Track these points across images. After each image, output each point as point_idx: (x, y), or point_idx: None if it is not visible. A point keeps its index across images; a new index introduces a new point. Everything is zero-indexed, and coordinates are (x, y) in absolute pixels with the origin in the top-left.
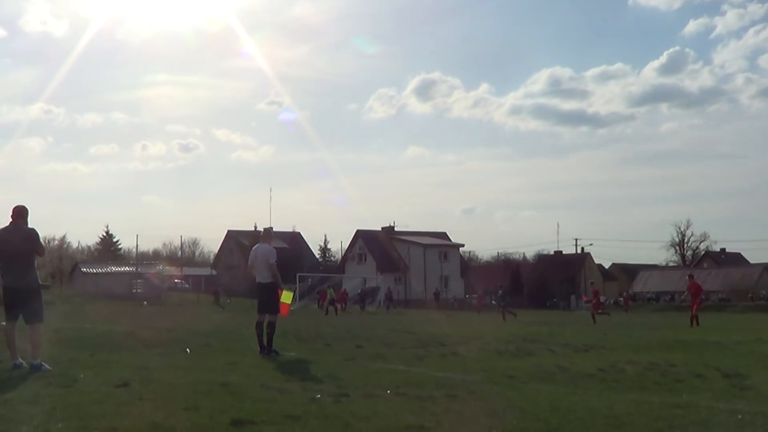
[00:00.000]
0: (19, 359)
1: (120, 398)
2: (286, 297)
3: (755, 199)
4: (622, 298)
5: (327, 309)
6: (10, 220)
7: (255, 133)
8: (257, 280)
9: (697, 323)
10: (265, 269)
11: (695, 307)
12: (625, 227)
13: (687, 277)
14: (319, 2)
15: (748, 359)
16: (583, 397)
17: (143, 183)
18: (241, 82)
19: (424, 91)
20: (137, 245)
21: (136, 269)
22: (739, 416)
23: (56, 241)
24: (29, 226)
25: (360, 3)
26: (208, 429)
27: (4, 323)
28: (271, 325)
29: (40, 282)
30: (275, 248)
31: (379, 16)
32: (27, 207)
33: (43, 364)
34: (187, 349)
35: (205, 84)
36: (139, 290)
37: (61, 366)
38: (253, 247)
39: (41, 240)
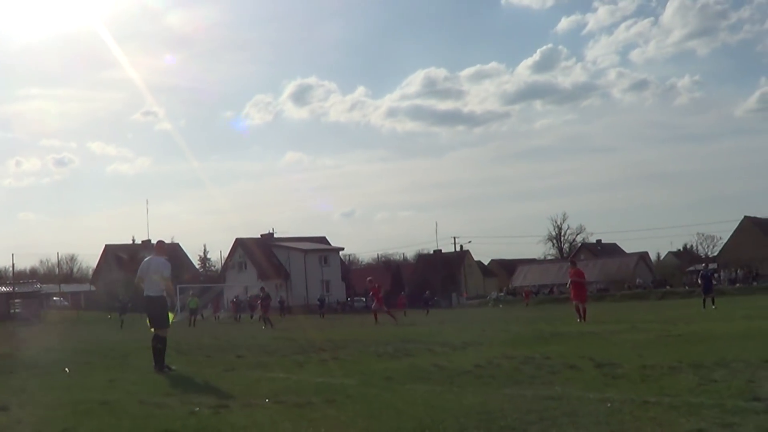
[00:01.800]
0: None
1: None
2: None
3: (629, 191)
4: (502, 294)
5: (192, 321)
6: None
7: (131, 145)
8: (146, 293)
9: (583, 317)
10: (156, 282)
11: (582, 297)
12: (503, 223)
13: (569, 264)
14: (192, 10)
15: (621, 348)
16: (458, 394)
17: (18, 200)
18: (114, 92)
19: (301, 96)
20: (13, 264)
21: (14, 289)
22: (609, 404)
23: None
24: None
25: (232, 9)
26: None
27: None
28: (162, 340)
29: None
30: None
31: (253, 22)
32: None
33: None
34: (66, 369)
35: (79, 96)
36: (17, 310)
37: None
38: (145, 259)
39: None
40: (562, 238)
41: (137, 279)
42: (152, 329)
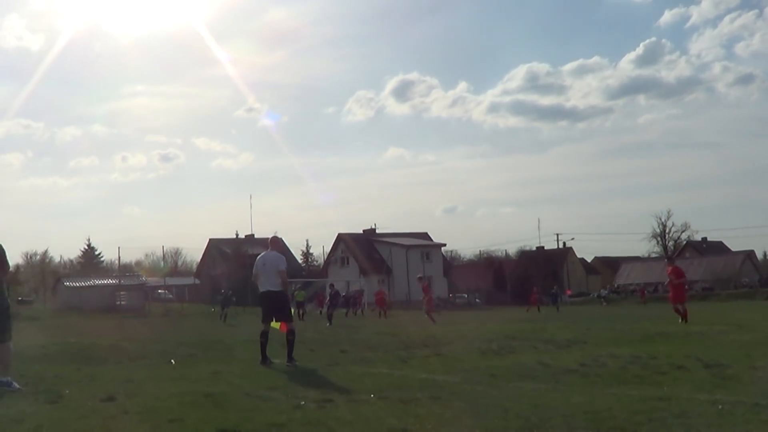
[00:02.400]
0: None
1: (106, 412)
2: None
3: (735, 187)
4: (606, 291)
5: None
6: None
7: (234, 141)
8: (265, 289)
9: (685, 319)
10: (275, 277)
11: (681, 297)
12: (606, 220)
13: (666, 261)
14: (293, 6)
15: (729, 349)
16: (564, 393)
17: (124, 194)
18: (218, 89)
19: (402, 92)
20: (119, 257)
21: (119, 281)
22: (720, 406)
23: (38, 256)
24: None
25: (334, 5)
26: None
27: None
28: (292, 333)
29: (13, 299)
30: (256, 254)
31: (354, 18)
32: None
33: (14, 382)
34: (172, 360)
35: (183, 93)
36: (122, 302)
37: (46, 381)
38: (260, 255)
39: (7, 257)
40: (667, 236)
41: (253, 276)
42: (264, 323)
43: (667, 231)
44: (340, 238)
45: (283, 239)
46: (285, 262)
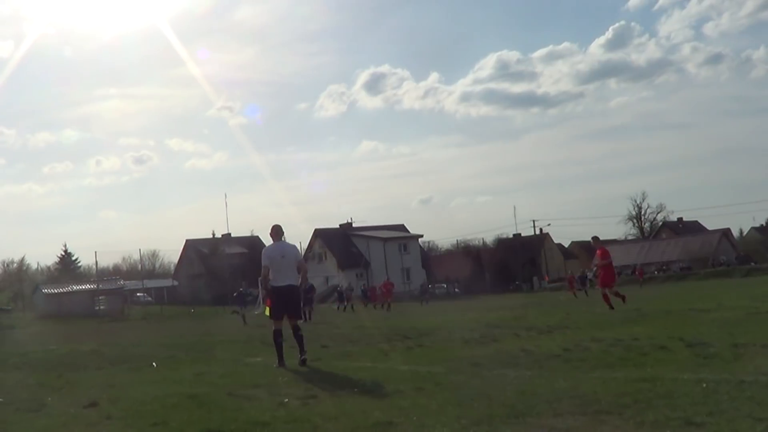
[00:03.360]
0: None
1: (89, 419)
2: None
3: (708, 167)
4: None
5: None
6: None
7: (208, 140)
8: (284, 283)
9: (615, 300)
10: (293, 269)
11: (609, 281)
12: (582, 204)
13: (591, 240)
14: (262, 4)
15: (710, 327)
16: (548, 379)
17: (99, 198)
18: (190, 89)
19: (374, 85)
20: (96, 262)
21: (97, 286)
22: (704, 385)
23: (15, 264)
24: None
25: (302, 1)
26: None
27: None
28: (299, 328)
29: None
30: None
31: (323, 13)
32: None
33: None
34: (154, 363)
35: (154, 94)
36: (101, 307)
37: (28, 390)
38: (271, 246)
39: None
40: (643, 218)
41: (264, 268)
42: (276, 321)
43: (642, 213)
44: (317, 234)
45: (260, 236)
46: (300, 253)
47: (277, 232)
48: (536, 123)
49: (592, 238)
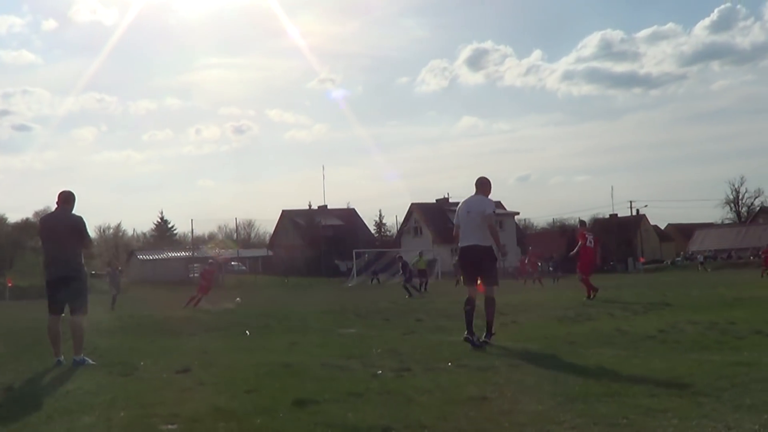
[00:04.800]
0: (62, 356)
1: (181, 384)
2: None
3: None
4: (679, 258)
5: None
6: (56, 206)
7: (308, 112)
8: (467, 243)
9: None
10: (479, 227)
11: (585, 267)
12: (679, 187)
13: (578, 225)
14: None
15: None
16: (644, 359)
17: (197, 167)
18: (291, 61)
19: (476, 61)
20: (192, 230)
21: (192, 254)
22: None
23: (111, 230)
24: (76, 213)
25: None
26: (270, 411)
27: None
28: (492, 301)
29: (89, 272)
30: (332, 225)
31: None
32: (73, 193)
33: (86, 359)
34: (247, 331)
35: (256, 65)
36: (195, 274)
37: (121, 354)
38: (463, 200)
39: (89, 230)
40: (740, 202)
41: (456, 227)
42: (469, 287)
43: (740, 197)
44: (413, 208)
45: (356, 209)
46: (493, 206)
47: (480, 184)
48: (637, 104)
49: (579, 221)
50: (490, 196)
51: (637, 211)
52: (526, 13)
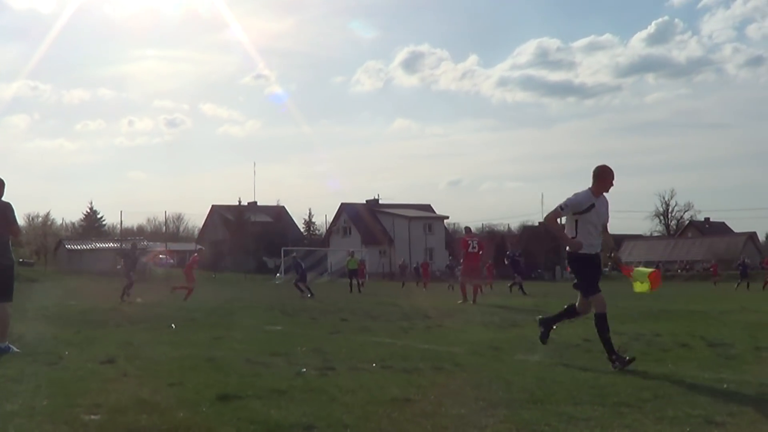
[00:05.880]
0: None
1: (105, 375)
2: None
3: (740, 169)
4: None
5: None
6: None
7: (242, 108)
8: (594, 251)
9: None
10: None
11: (470, 272)
12: (610, 197)
13: (464, 230)
14: None
15: (733, 328)
16: (568, 367)
17: (129, 159)
18: (227, 55)
19: (412, 64)
20: (121, 221)
21: (121, 245)
22: (725, 385)
23: (40, 218)
24: (4, 200)
25: None
26: (193, 404)
27: None
28: (602, 319)
29: (16, 260)
30: (261, 221)
31: None
32: (3, 180)
33: (11, 346)
34: (173, 325)
35: (192, 58)
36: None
37: (46, 343)
38: (588, 195)
39: (17, 217)
40: (670, 215)
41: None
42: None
43: (670, 210)
44: (343, 208)
45: (286, 207)
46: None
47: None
48: (571, 113)
49: (465, 228)
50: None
51: None
52: (464, 17)
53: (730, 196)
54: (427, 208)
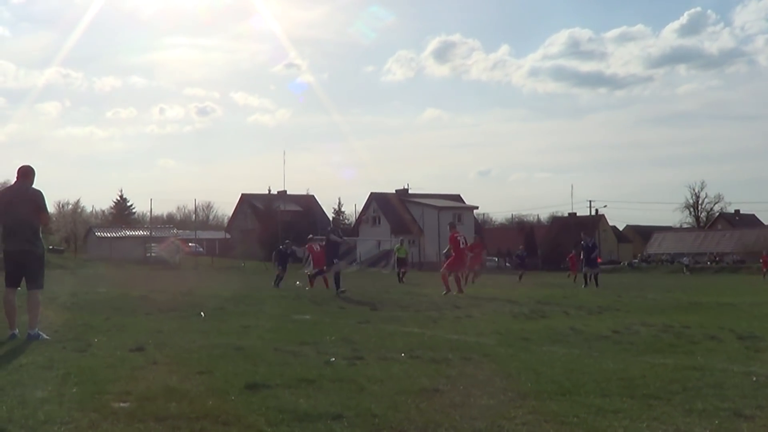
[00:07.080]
0: (17, 330)
1: (134, 362)
2: None
3: None
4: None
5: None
6: (16, 180)
7: (272, 96)
8: None
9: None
10: None
11: (453, 264)
12: (639, 189)
13: (449, 227)
14: None
15: (762, 321)
16: (597, 359)
17: (159, 147)
18: (258, 44)
19: (443, 53)
20: (151, 209)
21: (150, 233)
22: (754, 378)
23: (70, 206)
24: (35, 188)
25: None
26: (222, 393)
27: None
28: None
29: (46, 247)
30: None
31: None
32: (33, 168)
33: (41, 333)
34: (202, 313)
35: (223, 47)
36: (153, 254)
37: (75, 330)
38: None
39: (47, 205)
40: (700, 207)
41: None
42: None
43: (699, 202)
44: (373, 197)
45: (315, 196)
46: None
47: None
48: (602, 103)
49: (449, 223)
50: None
51: (596, 210)
52: (496, 7)
53: (761, 188)
54: (457, 198)
